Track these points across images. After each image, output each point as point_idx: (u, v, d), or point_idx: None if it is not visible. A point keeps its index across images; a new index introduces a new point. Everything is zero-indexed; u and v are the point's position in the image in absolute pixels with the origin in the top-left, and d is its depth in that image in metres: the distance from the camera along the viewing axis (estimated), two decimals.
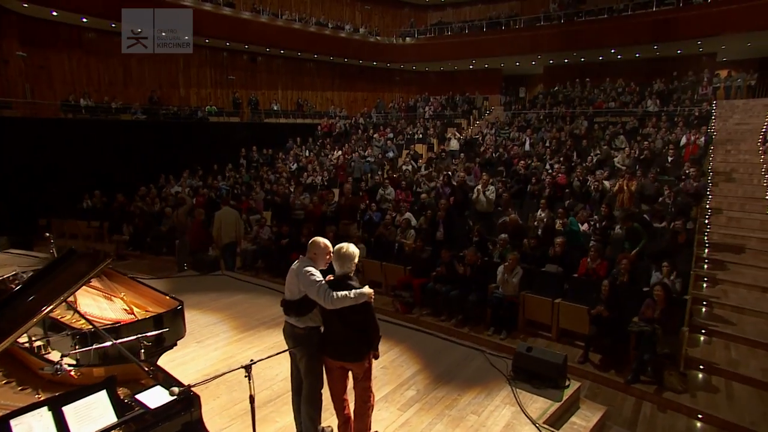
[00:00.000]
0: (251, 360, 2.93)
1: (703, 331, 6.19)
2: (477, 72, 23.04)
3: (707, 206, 10.87)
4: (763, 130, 13.96)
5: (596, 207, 8.59)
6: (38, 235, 10.64)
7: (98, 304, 4.09)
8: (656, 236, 7.51)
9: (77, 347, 3.11)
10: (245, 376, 2.89)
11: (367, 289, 3.24)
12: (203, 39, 16.64)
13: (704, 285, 7.64)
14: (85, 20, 13.98)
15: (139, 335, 3.25)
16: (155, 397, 2.49)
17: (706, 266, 8.37)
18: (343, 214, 9.00)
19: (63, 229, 11.71)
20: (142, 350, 3.22)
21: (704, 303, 6.96)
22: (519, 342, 6.02)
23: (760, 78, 18.39)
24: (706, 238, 9.63)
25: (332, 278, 3.36)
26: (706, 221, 10.29)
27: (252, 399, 2.91)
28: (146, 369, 2.87)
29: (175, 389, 2.42)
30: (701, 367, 5.45)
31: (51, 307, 2.78)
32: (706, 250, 9.04)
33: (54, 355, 3.20)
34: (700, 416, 4.66)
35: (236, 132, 17.00)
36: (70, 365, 2.88)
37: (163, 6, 13.48)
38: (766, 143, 12.85)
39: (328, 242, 3.41)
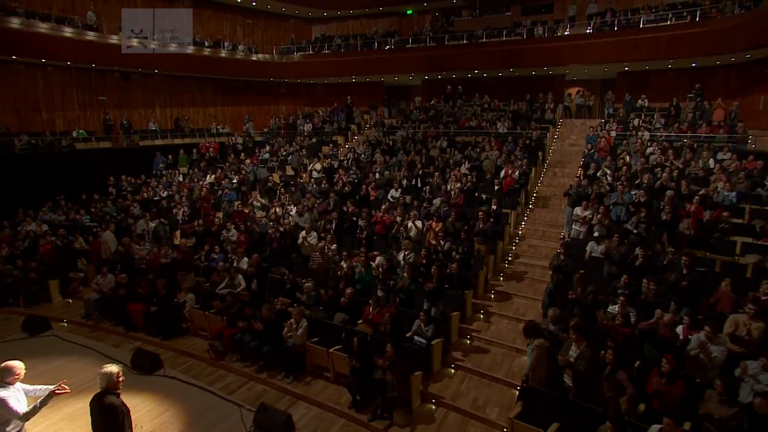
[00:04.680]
0: None
1: (453, 365, 7.70)
2: (362, 84, 24.04)
3: (519, 232, 12.58)
4: (585, 152, 15.97)
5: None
6: None
7: None
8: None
9: None
10: None
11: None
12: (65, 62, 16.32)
13: (481, 317, 9.15)
14: None
15: None
16: None
17: (493, 295, 9.92)
18: (178, 265, 9.74)
19: None
20: None
21: (468, 337, 8.47)
22: (303, 385, 7.35)
23: (599, 98, 20.95)
24: (506, 265, 11.25)
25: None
26: (513, 248, 11.94)
27: None
28: None
29: None
30: (433, 401, 6.91)
31: None
32: (501, 279, 10.62)
33: None
34: None
35: (106, 158, 16.66)
36: None
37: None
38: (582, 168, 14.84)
39: (18, 368, 4.32)
